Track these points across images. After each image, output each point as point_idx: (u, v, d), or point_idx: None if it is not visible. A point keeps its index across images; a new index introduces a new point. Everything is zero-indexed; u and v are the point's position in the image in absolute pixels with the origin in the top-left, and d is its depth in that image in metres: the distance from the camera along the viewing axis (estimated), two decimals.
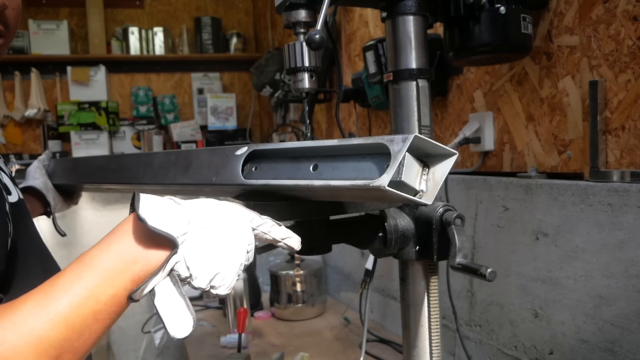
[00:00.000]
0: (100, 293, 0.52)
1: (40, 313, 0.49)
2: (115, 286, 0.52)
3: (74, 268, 0.54)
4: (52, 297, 0.51)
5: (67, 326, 0.50)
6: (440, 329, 0.85)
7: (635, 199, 0.87)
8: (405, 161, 0.59)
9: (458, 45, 0.95)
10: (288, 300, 1.82)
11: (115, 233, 0.56)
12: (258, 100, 3.37)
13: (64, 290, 0.51)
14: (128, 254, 0.54)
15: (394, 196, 0.57)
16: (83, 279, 0.52)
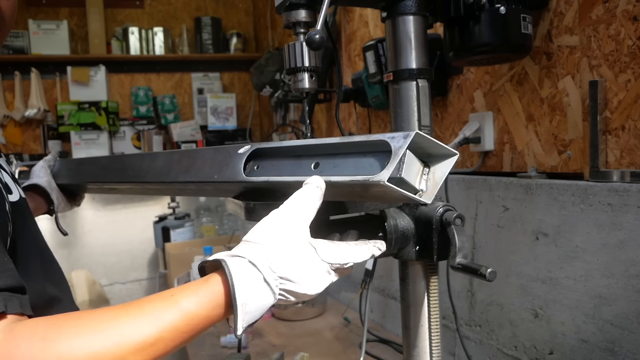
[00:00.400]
0: (198, 332, 0.57)
1: (141, 320, 0.53)
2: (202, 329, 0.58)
3: (161, 296, 0.56)
4: (145, 317, 0.54)
5: (156, 350, 0.53)
6: (440, 329, 0.85)
7: (635, 199, 0.87)
8: (405, 158, 0.59)
9: (458, 45, 0.95)
10: None
11: (220, 314, 0.58)
12: (258, 100, 3.37)
13: (180, 332, 0.55)
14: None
15: (394, 193, 0.57)
16: (186, 337, 0.56)
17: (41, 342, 0.50)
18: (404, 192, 0.57)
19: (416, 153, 0.61)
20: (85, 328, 0.52)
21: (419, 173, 0.61)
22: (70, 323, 0.53)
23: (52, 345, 0.50)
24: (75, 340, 0.51)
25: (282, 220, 0.59)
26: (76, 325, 0.52)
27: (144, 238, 2.99)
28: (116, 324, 0.53)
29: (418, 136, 0.58)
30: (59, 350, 0.50)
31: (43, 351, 0.50)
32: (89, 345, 0.51)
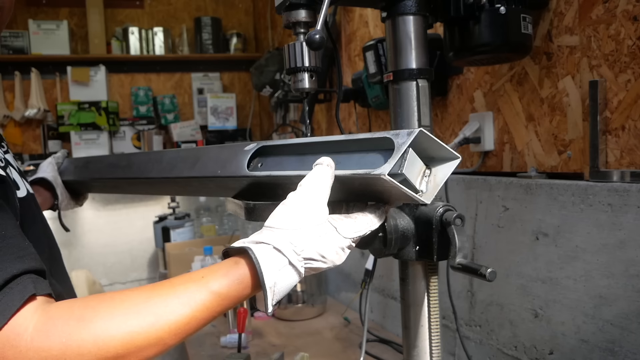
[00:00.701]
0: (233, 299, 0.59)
1: (174, 300, 0.55)
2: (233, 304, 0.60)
3: (192, 277, 0.58)
4: (179, 291, 0.56)
5: (204, 320, 0.57)
6: (440, 329, 0.85)
7: (635, 199, 0.87)
8: (408, 156, 0.59)
9: (458, 45, 0.95)
10: (288, 300, 1.82)
11: (249, 294, 0.61)
12: (258, 100, 3.37)
13: (212, 312, 0.57)
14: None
15: (393, 189, 0.57)
16: (215, 313, 0.58)
17: (78, 322, 0.51)
18: (404, 189, 0.57)
19: (419, 154, 0.61)
20: (121, 309, 0.53)
21: (420, 173, 0.62)
22: (105, 304, 0.54)
23: (88, 325, 0.51)
24: (111, 321, 0.52)
25: (300, 203, 0.62)
26: (111, 305, 0.54)
27: (143, 238, 2.99)
28: (150, 304, 0.54)
29: (422, 134, 0.58)
30: (96, 330, 0.51)
31: (80, 331, 0.51)
32: (125, 325, 0.52)
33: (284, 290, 0.60)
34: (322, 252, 0.61)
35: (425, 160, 0.62)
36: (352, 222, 0.64)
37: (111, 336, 0.52)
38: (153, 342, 0.53)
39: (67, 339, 0.50)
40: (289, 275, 0.59)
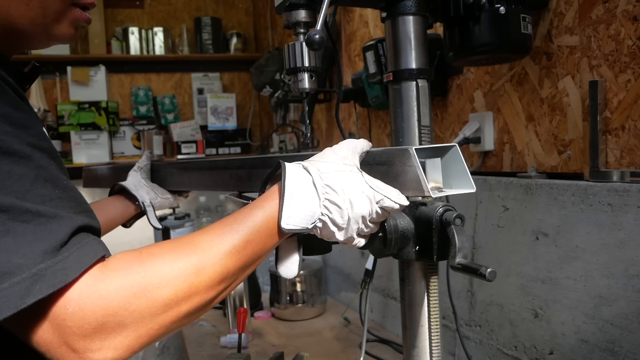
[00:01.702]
0: (268, 248, 0.65)
1: (232, 251, 0.60)
2: (274, 245, 0.66)
3: (254, 224, 0.63)
4: (239, 243, 0.61)
5: (244, 267, 0.62)
6: (440, 329, 0.85)
7: (635, 199, 0.87)
8: (435, 162, 0.64)
9: (458, 45, 0.95)
10: (288, 300, 1.82)
11: (271, 207, 0.65)
12: (258, 100, 3.37)
13: (249, 240, 0.62)
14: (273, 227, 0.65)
15: (410, 170, 0.62)
16: (261, 238, 0.63)
17: (140, 267, 0.55)
18: (419, 173, 0.61)
19: (443, 171, 0.65)
20: (182, 250, 0.59)
21: (435, 182, 0.66)
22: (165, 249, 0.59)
23: (153, 267, 0.56)
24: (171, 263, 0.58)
25: (335, 150, 0.68)
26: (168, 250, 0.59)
27: (143, 238, 2.98)
28: (211, 238, 0.61)
29: (455, 151, 0.65)
30: (162, 271, 0.56)
31: (157, 278, 0.55)
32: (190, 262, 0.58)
33: (301, 210, 0.63)
34: (344, 185, 0.64)
35: (445, 178, 0.66)
36: (378, 181, 0.67)
37: (174, 276, 0.56)
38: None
39: (145, 274, 0.55)
40: (309, 195, 0.63)
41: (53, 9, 0.70)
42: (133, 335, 0.53)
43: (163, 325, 0.55)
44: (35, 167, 0.54)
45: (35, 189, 0.53)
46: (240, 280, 0.64)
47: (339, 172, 0.65)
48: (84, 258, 0.52)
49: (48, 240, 0.50)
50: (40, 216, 0.51)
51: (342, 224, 0.64)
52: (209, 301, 0.60)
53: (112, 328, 0.52)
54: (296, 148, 2.53)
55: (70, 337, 0.50)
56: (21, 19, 0.68)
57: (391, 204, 0.65)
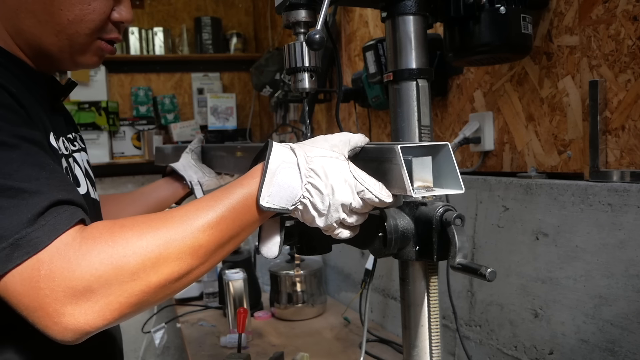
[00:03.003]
0: (246, 225, 0.65)
1: (204, 226, 0.61)
2: (256, 223, 0.66)
3: (231, 199, 0.64)
4: (212, 218, 0.62)
5: (219, 241, 0.62)
6: (440, 329, 0.85)
7: (635, 199, 0.87)
8: (424, 160, 0.63)
9: (458, 45, 0.95)
10: (288, 300, 1.82)
11: (250, 185, 0.66)
12: (258, 100, 3.37)
13: (223, 215, 0.63)
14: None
15: (395, 168, 0.62)
16: (237, 214, 0.64)
17: (114, 239, 0.58)
18: (402, 168, 0.60)
19: (434, 171, 0.65)
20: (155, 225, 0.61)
21: (423, 181, 0.65)
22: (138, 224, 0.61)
23: (124, 243, 0.58)
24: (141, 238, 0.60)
25: (327, 137, 0.69)
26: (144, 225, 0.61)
27: None
28: (184, 213, 0.62)
29: (447, 151, 0.64)
30: (133, 245, 0.58)
31: (123, 248, 0.57)
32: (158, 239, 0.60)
33: (282, 190, 0.63)
34: (327, 170, 0.64)
35: (435, 177, 0.66)
36: (363, 173, 0.67)
37: (145, 249, 0.58)
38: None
39: (113, 243, 0.57)
40: (292, 176, 0.64)
41: (79, 42, 0.79)
42: (103, 302, 0.56)
43: (132, 294, 0.57)
44: (23, 154, 0.60)
45: (22, 170, 0.58)
46: (218, 257, 0.64)
47: (324, 157, 0.65)
48: (59, 225, 0.56)
49: (27, 212, 0.56)
50: (23, 192, 0.57)
51: (322, 209, 0.65)
52: (181, 274, 0.60)
53: (81, 292, 0.55)
54: None
55: (44, 300, 0.54)
56: (51, 47, 0.79)
57: (371, 196, 0.65)
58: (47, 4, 0.75)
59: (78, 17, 0.77)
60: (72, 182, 0.64)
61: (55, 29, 0.77)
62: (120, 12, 0.83)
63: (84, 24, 0.78)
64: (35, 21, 0.76)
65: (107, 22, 0.82)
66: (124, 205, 1.15)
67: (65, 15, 0.76)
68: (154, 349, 2.72)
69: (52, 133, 0.76)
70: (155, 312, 2.08)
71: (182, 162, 1.26)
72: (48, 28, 0.77)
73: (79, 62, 0.83)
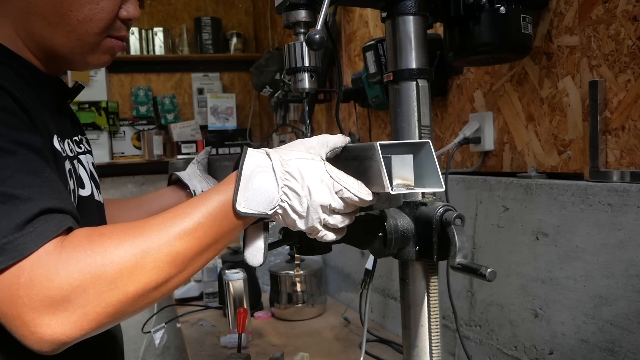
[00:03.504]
0: (224, 232, 0.65)
1: (181, 234, 0.61)
2: (234, 230, 0.66)
3: (207, 206, 0.64)
4: (189, 225, 0.62)
5: (197, 249, 0.62)
6: (440, 329, 0.85)
7: (635, 199, 0.87)
8: (404, 159, 0.63)
9: (458, 45, 0.95)
10: (288, 300, 1.82)
11: (227, 191, 0.65)
12: (258, 100, 3.37)
13: (200, 222, 0.63)
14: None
15: (375, 162, 0.61)
16: (215, 220, 0.64)
17: (96, 249, 0.58)
18: (382, 170, 0.60)
19: (415, 170, 0.64)
20: (133, 234, 0.61)
21: (403, 179, 0.65)
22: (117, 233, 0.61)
23: (106, 251, 0.58)
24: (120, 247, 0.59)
25: (305, 140, 0.69)
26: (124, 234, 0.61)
27: None
28: (162, 221, 0.62)
29: (428, 149, 0.64)
30: (112, 255, 0.58)
31: (101, 257, 0.57)
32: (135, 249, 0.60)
33: (259, 194, 0.63)
34: (303, 172, 0.64)
35: (417, 177, 0.66)
36: (341, 172, 0.67)
37: (122, 258, 0.58)
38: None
39: (91, 253, 0.57)
40: (267, 179, 0.64)
41: (89, 41, 0.80)
42: (80, 312, 0.55)
43: (110, 304, 0.57)
44: (19, 161, 0.60)
45: (16, 177, 0.58)
46: (198, 264, 0.64)
47: (300, 159, 0.66)
48: (46, 233, 0.56)
49: (17, 217, 0.56)
50: (15, 198, 0.57)
51: (301, 211, 0.65)
52: (159, 283, 0.60)
53: (58, 302, 0.54)
54: None
55: (21, 309, 0.54)
56: (62, 48, 0.79)
57: (350, 195, 0.65)
58: (56, 6, 0.76)
59: (87, 17, 0.78)
60: (65, 189, 0.64)
61: (66, 29, 0.77)
62: (127, 10, 0.83)
63: (93, 23, 0.78)
64: (45, 23, 0.77)
65: (116, 20, 0.82)
66: (127, 209, 1.16)
67: (75, 15, 0.77)
68: (154, 349, 2.73)
69: (56, 135, 0.76)
70: (155, 312, 2.08)
71: (187, 172, 1.27)
72: (59, 29, 0.77)
73: (90, 62, 0.84)
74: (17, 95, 0.66)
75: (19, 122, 0.64)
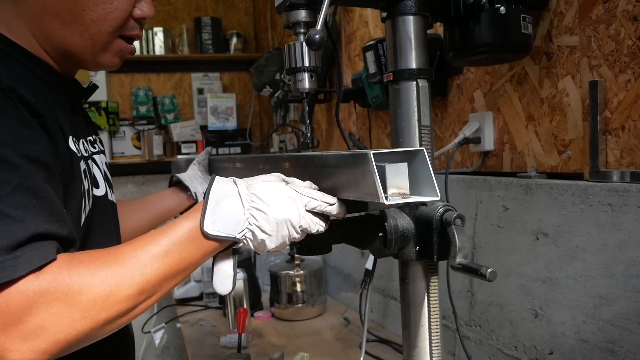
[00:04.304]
0: (192, 258, 0.66)
1: (150, 261, 0.62)
2: (203, 256, 0.67)
3: (176, 233, 0.66)
4: (158, 252, 0.64)
5: (166, 275, 0.64)
6: (440, 329, 0.85)
7: (635, 199, 0.87)
8: (400, 167, 0.62)
9: (458, 45, 0.95)
10: (288, 300, 1.82)
11: (195, 217, 0.67)
12: (258, 100, 3.37)
13: (168, 249, 0.64)
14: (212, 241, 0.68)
15: (368, 175, 0.61)
16: (183, 246, 0.65)
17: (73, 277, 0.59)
18: (375, 178, 0.59)
19: (411, 178, 0.64)
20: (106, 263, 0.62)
21: (398, 187, 0.64)
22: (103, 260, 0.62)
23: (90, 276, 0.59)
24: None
25: (263, 175, 0.73)
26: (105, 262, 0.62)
27: None
28: (133, 249, 0.64)
29: (422, 157, 0.64)
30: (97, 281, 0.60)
31: (78, 286, 0.58)
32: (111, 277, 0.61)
33: (226, 214, 0.66)
34: (269, 192, 0.67)
35: (412, 185, 0.65)
36: (305, 185, 0.70)
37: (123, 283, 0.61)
38: None
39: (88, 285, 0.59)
40: (234, 202, 0.66)
41: (101, 40, 0.81)
42: (51, 339, 0.56)
43: (81, 332, 0.58)
44: (21, 177, 0.59)
45: (14, 195, 0.58)
46: (165, 289, 0.65)
47: (265, 182, 0.69)
48: (34, 260, 0.56)
49: (7, 239, 0.55)
50: (9, 218, 0.57)
51: (270, 230, 0.66)
52: (128, 310, 0.62)
53: (32, 329, 0.55)
54: (296, 148, 2.53)
55: None
56: (75, 47, 0.80)
57: (318, 204, 0.68)
58: (70, 6, 0.76)
59: (101, 16, 0.78)
60: (61, 209, 0.64)
61: (79, 29, 0.78)
62: (141, 8, 0.83)
63: (107, 22, 0.79)
64: (59, 23, 0.77)
65: (129, 19, 0.82)
66: (128, 212, 1.15)
67: (89, 15, 0.77)
68: (154, 349, 2.72)
69: (71, 136, 0.76)
70: (155, 312, 2.08)
71: (188, 173, 1.27)
72: (72, 29, 0.78)
73: (101, 62, 0.84)
74: (30, 100, 0.66)
75: (29, 132, 0.64)
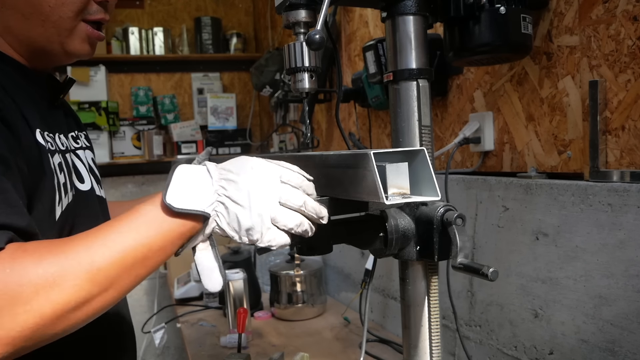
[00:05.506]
0: (153, 243, 0.61)
1: (101, 248, 0.58)
2: (165, 241, 0.62)
3: (131, 217, 0.62)
4: (111, 238, 0.59)
5: (121, 264, 0.59)
6: (440, 329, 0.85)
7: (635, 199, 0.87)
8: (400, 166, 0.61)
9: (458, 45, 0.95)
10: (288, 300, 1.82)
11: (154, 200, 0.64)
12: (258, 100, 3.37)
13: (121, 233, 0.60)
14: (174, 220, 0.62)
15: (368, 174, 0.59)
16: (138, 229, 0.61)
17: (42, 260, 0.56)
18: (376, 179, 0.58)
19: (411, 178, 0.63)
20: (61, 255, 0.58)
21: (399, 187, 0.64)
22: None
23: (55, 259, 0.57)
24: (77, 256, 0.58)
25: None
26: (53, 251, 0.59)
27: None
28: (85, 236, 0.60)
29: (422, 157, 0.63)
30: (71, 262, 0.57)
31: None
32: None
33: (192, 188, 0.61)
34: (237, 164, 0.64)
35: (412, 184, 0.65)
36: (291, 168, 0.66)
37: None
38: None
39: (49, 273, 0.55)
40: (201, 176, 0.62)
41: (64, 26, 0.80)
42: None
43: (26, 327, 0.53)
44: None
45: None
46: (127, 281, 0.60)
47: (235, 159, 0.65)
48: None
49: None
50: None
51: (241, 200, 0.60)
52: (79, 303, 0.57)
53: None
54: (296, 148, 2.53)
55: None
56: (39, 38, 0.79)
57: (295, 175, 0.63)
58: None
59: (59, 2, 0.78)
60: (17, 201, 0.62)
61: (40, 18, 0.78)
62: None
63: (65, 6, 0.79)
64: (19, 16, 0.77)
65: (90, 2, 0.82)
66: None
67: (47, 2, 0.77)
68: (154, 349, 2.72)
69: (39, 130, 0.75)
70: (155, 312, 2.08)
71: None
72: (33, 19, 0.78)
73: (70, 51, 0.83)
74: None
75: None
